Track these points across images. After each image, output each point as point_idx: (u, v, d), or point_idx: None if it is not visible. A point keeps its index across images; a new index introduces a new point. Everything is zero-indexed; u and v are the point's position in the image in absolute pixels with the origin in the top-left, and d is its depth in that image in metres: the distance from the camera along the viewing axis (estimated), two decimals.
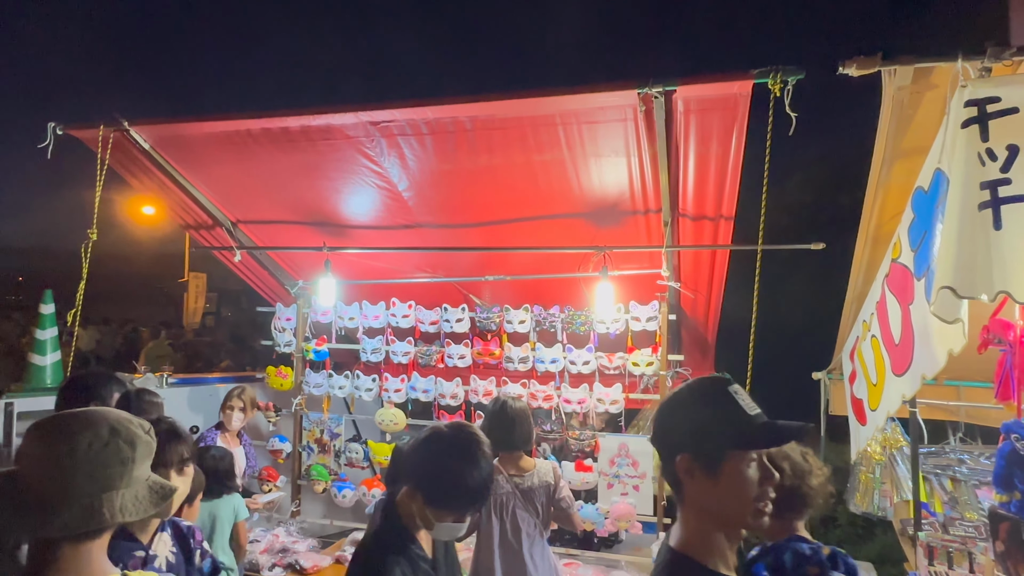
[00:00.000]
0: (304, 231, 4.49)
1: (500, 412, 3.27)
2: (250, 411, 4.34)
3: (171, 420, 2.36)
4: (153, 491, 1.42)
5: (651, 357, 4.37)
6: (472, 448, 1.84)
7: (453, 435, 1.87)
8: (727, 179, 3.28)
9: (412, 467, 1.87)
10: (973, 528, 4.16)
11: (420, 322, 4.81)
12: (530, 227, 4.03)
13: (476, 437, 1.88)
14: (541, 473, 3.27)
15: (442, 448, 1.85)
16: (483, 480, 1.83)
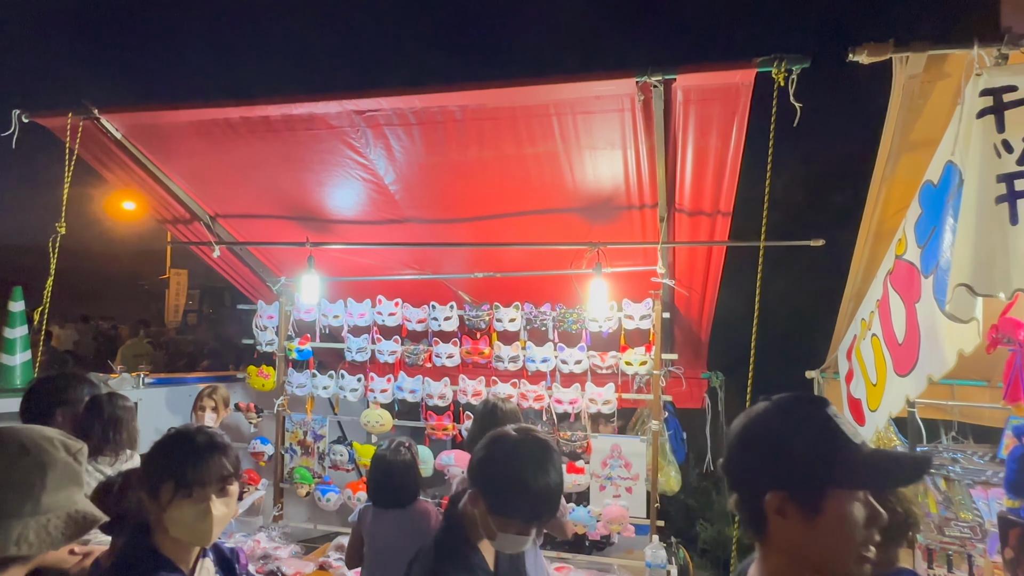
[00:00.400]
0: (286, 226, 4.32)
1: (490, 415, 3.14)
2: (223, 411, 4.16)
3: (211, 431, 1.94)
4: (73, 521, 1.25)
5: (645, 356, 4.26)
6: (541, 453, 1.69)
7: (521, 438, 1.72)
8: (726, 173, 3.17)
9: (476, 470, 1.74)
10: (969, 529, 4.10)
11: (407, 320, 4.66)
12: (521, 222, 3.89)
13: (545, 442, 1.74)
14: None
15: (508, 451, 1.70)
16: (552, 488, 1.67)
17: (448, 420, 4.59)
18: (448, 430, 4.58)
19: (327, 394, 4.84)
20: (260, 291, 5.11)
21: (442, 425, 4.59)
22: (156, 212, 4.37)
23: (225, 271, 4.89)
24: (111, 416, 3.03)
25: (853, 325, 3.82)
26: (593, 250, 3.66)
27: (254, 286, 5.09)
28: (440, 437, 4.63)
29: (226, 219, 4.40)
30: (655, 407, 4.29)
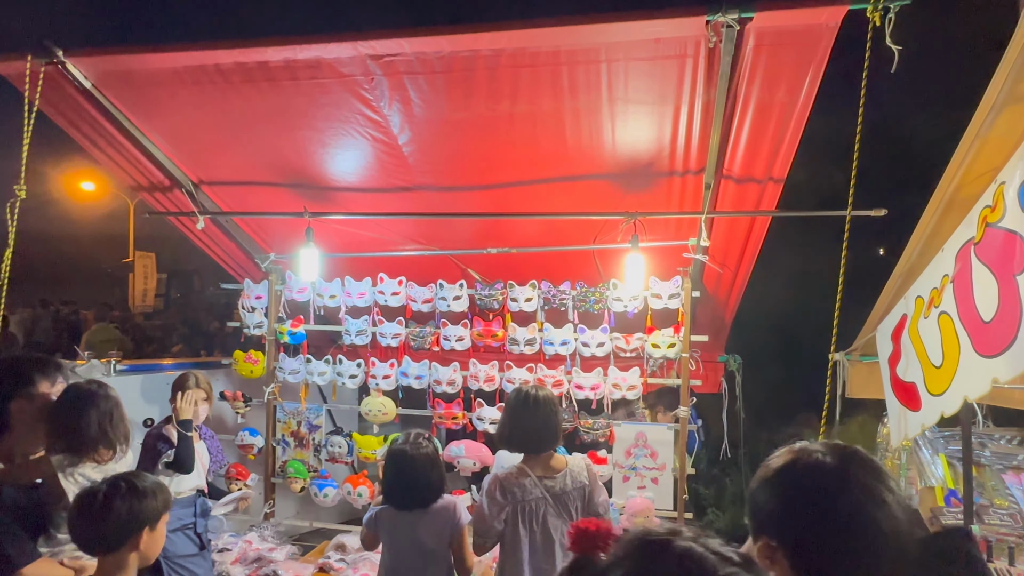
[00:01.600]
0: (280, 194, 3.84)
1: (523, 405, 2.75)
2: (211, 400, 3.70)
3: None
4: None
5: (673, 338, 3.92)
6: (873, 482, 1.15)
7: (839, 460, 1.17)
8: (787, 134, 2.82)
9: (770, 510, 1.21)
10: (1008, 516, 3.90)
11: (412, 300, 4.23)
12: (546, 191, 3.49)
13: (877, 467, 1.19)
14: (574, 472, 2.78)
15: (818, 482, 1.17)
16: (894, 535, 1.12)
17: (458, 408, 4.19)
18: (458, 419, 4.19)
19: (323, 381, 4.39)
20: (247, 269, 4.61)
21: (451, 414, 4.19)
22: (130, 178, 3.83)
23: (208, 247, 4.37)
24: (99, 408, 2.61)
25: (902, 303, 3.54)
26: (629, 221, 3.28)
27: (240, 264, 4.58)
28: (449, 427, 4.24)
29: (211, 187, 3.89)
30: (683, 392, 3.97)
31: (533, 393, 2.76)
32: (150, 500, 1.92)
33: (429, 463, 2.72)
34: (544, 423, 2.73)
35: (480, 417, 4.12)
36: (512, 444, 2.76)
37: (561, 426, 2.81)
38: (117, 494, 1.87)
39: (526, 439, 2.74)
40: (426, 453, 2.72)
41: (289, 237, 4.17)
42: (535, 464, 2.74)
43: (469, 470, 4.16)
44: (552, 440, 2.77)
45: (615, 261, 4.04)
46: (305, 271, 3.68)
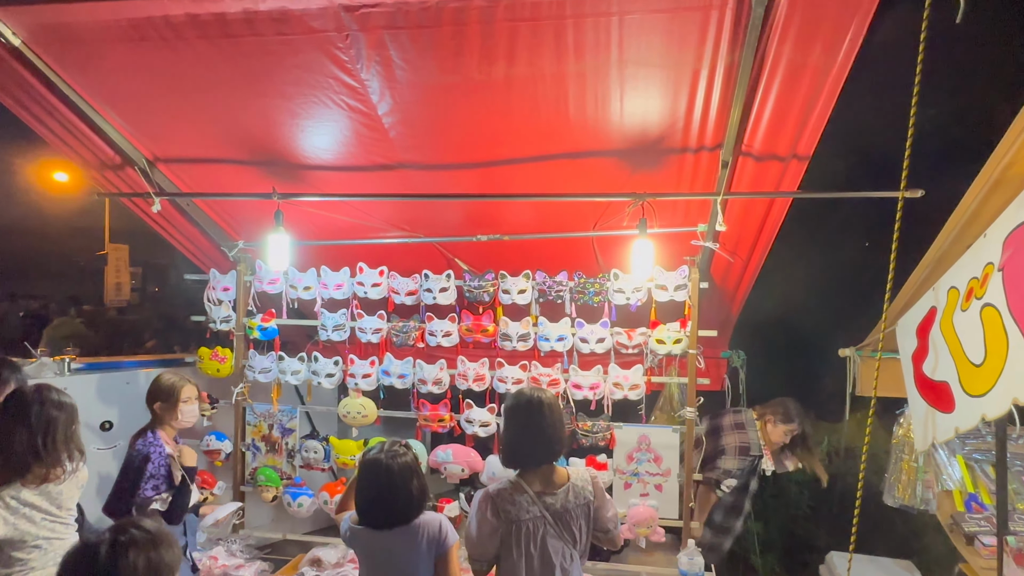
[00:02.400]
0: (246, 173, 3.42)
1: (525, 411, 2.38)
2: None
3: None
4: None
5: (679, 333, 3.59)
6: None
7: None
8: (819, 103, 2.48)
9: None
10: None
11: (394, 292, 3.85)
12: (544, 170, 3.12)
13: None
14: (577, 487, 2.42)
15: None
16: None
17: (444, 409, 3.82)
18: (445, 421, 3.82)
19: (297, 380, 3.99)
20: (212, 258, 4.18)
21: (437, 416, 3.82)
22: (75, 154, 3.39)
23: (168, 232, 3.94)
24: (35, 420, 2.22)
25: (930, 295, 3.24)
26: (637, 203, 2.93)
27: (204, 251, 4.16)
28: (435, 430, 3.87)
29: (168, 164, 3.46)
30: (690, 392, 3.64)
31: (539, 398, 2.39)
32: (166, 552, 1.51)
33: (408, 474, 2.35)
34: (553, 434, 2.37)
35: (469, 419, 3.75)
36: (518, 461, 2.40)
37: (565, 435, 2.46)
38: (134, 544, 1.46)
39: (528, 450, 2.38)
40: (404, 462, 2.36)
41: (259, 222, 3.76)
42: (533, 478, 2.38)
43: (457, 476, 3.80)
44: (558, 451, 2.41)
45: (616, 250, 3.69)
46: (275, 259, 3.28)
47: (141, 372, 4.42)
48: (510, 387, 3.69)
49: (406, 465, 2.36)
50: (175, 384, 2.99)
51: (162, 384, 3.00)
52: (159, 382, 3.02)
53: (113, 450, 4.03)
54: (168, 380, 3.01)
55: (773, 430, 3.77)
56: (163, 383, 3.00)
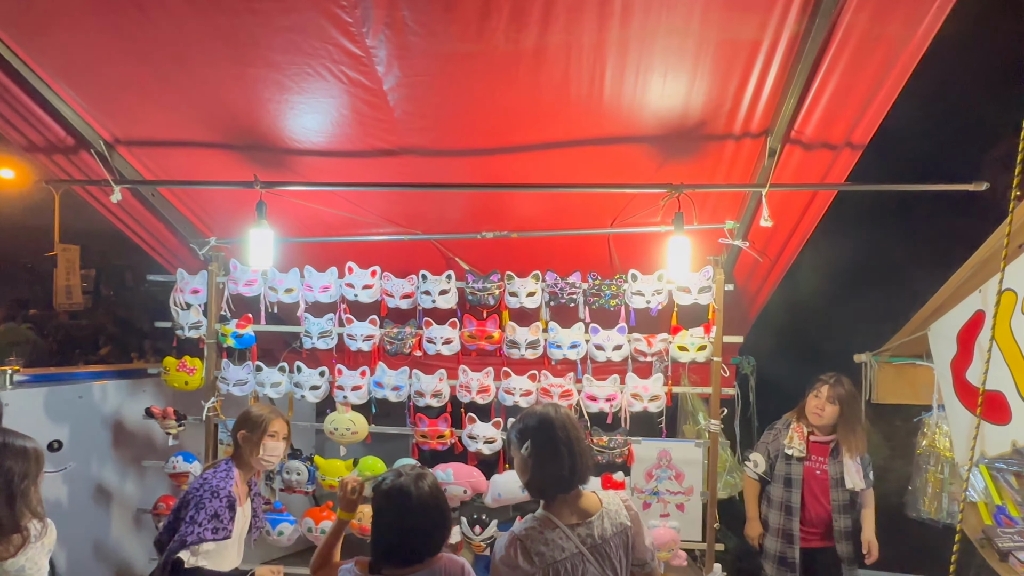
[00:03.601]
0: (223, 159, 2.98)
1: (546, 430, 2.01)
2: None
3: None
4: None
5: (703, 339, 3.28)
6: None
7: None
8: (886, 84, 2.20)
9: None
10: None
11: (388, 295, 3.45)
12: (563, 159, 2.78)
13: None
14: (611, 512, 2.07)
15: None
16: None
17: (444, 425, 3.43)
18: (445, 438, 3.43)
19: (277, 393, 3.55)
20: (180, 256, 3.70)
21: (436, 431, 3.43)
22: (20, 135, 2.89)
23: (128, 227, 3.45)
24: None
25: (975, 298, 3.02)
26: (673, 195, 2.60)
27: (171, 249, 3.67)
28: (434, 447, 3.47)
29: (131, 147, 2.98)
30: (714, 403, 3.34)
31: (558, 414, 2.03)
32: None
33: (440, 496, 2.03)
34: (580, 453, 2.02)
35: (472, 435, 3.37)
36: (545, 490, 2.03)
37: (591, 455, 2.11)
38: None
39: (551, 477, 2.01)
40: (433, 484, 2.03)
41: (234, 216, 3.32)
42: (562, 508, 2.01)
43: (458, 499, 3.41)
44: (588, 472, 2.06)
45: (634, 249, 3.38)
46: (256, 257, 2.84)
47: (95, 385, 3.93)
48: (518, 399, 3.33)
49: (436, 487, 2.01)
50: (264, 415, 2.58)
51: (251, 413, 2.60)
52: (248, 410, 2.63)
53: (63, 473, 3.52)
54: (258, 409, 2.62)
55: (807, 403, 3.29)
56: (252, 411, 2.61)
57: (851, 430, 3.18)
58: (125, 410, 3.98)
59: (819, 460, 3.23)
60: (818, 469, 3.22)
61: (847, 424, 3.18)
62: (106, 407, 3.94)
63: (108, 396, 3.97)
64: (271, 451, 2.57)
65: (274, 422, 2.57)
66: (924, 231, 3.69)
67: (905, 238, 3.91)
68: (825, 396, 3.20)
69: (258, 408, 2.61)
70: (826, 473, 3.20)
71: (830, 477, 3.19)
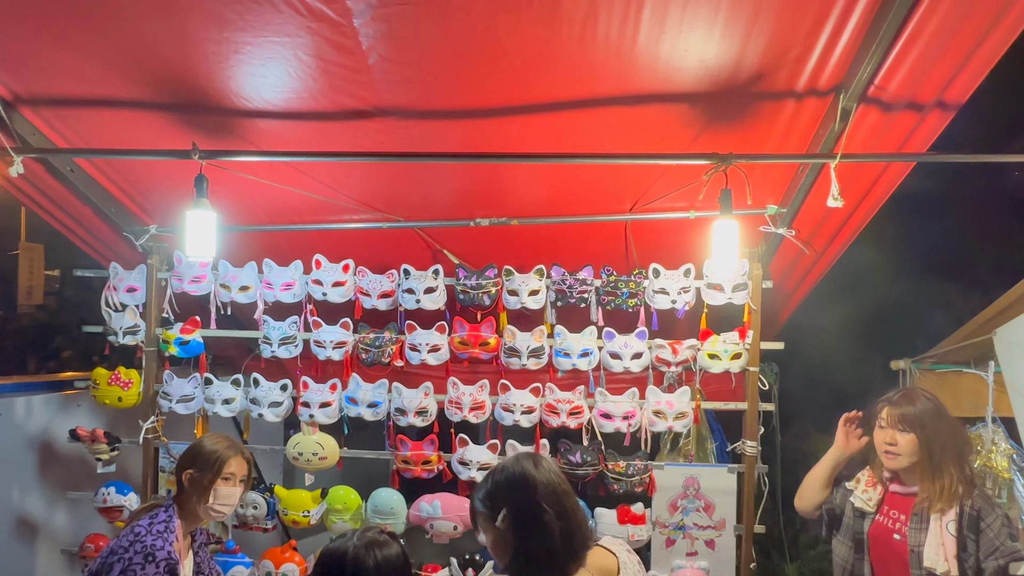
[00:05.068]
0: (155, 123, 2.37)
1: (522, 494, 1.41)
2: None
3: None
4: None
5: (738, 345, 2.76)
6: None
7: None
8: (999, 28, 1.71)
9: None
10: None
11: (364, 294, 2.87)
12: (578, 122, 2.24)
13: None
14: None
15: None
16: None
17: (430, 448, 2.86)
18: (431, 464, 2.86)
19: (231, 411, 2.95)
20: (112, 247, 3.08)
21: (421, 456, 2.86)
22: None
23: (45, 210, 2.82)
24: None
25: None
26: (720, 168, 2.07)
27: (101, 238, 3.05)
28: (418, 475, 2.90)
29: (37, 107, 2.36)
30: (750, 420, 2.82)
31: (544, 471, 1.46)
32: None
33: None
34: (576, 521, 1.45)
35: (464, 460, 2.81)
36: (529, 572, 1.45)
37: (585, 518, 1.55)
38: None
39: (552, 559, 1.43)
40: (386, 558, 1.46)
41: (178, 198, 2.70)
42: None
43: (447, 536, 2.84)
44: (587, 544, 1.48)
45: (655, 239, 2.86)
46: (195, 245, 2.25)
47: (17, 399, 3.29)
48: (518, 418, 2.78)
49: (388, 563, 1.44)
50: (218, 452, 1.99)
51: (203, 447, 2.02)
52: (200, 443, 2.05)
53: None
54: (212, 443, 2.03)
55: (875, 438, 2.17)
56: (204, 445, 2.04)
57: (936, 468, 1.97)
58: (54, 429, 3.35)
59: (898, 519, 2.05)
60: (896, 532, 2.05)
61: (929, 459, 1.97)
62: (31, 426, 3.30)
63: (33, 412, 3.33)
64: (224, 498, 1.98)
65: (231, 461, 1.98)
66: (990, 222, 3.23)
67: (963, 229, 3.45)
68: (892, 422, 2.02)
69: (213, 441, 2.01)
70: (906, 539, 2.01)
71: (910, 547, 1.99)
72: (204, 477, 1.95)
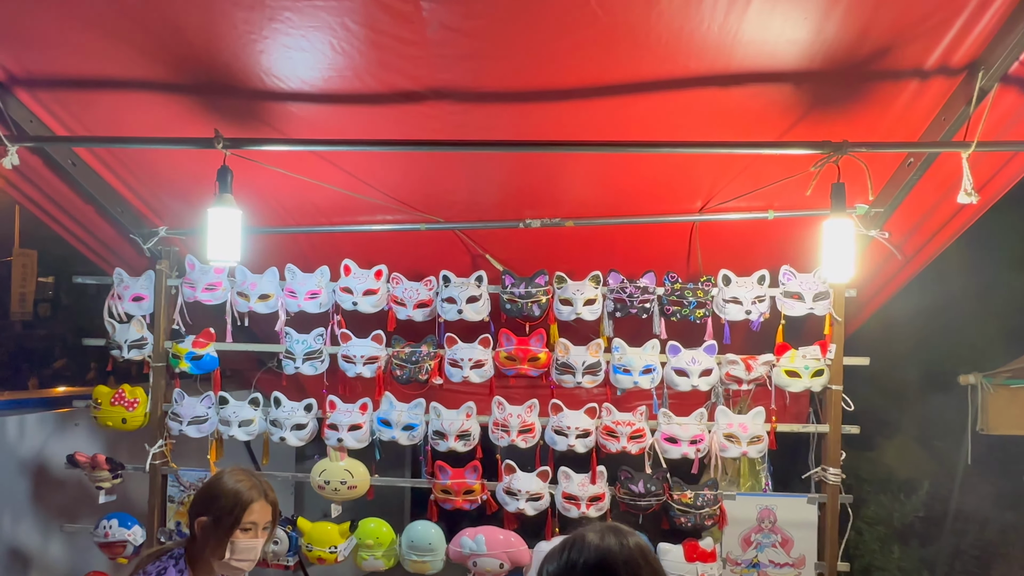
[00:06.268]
0: (170, 107, 2.06)
1: None
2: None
3: None
4: None
5: (820, 361, 2.46)
6: None
7: None
8: None
9: None
10: None
11: (398, 303, 2.56)
12: (651, 108, 1.95)
13: None
14: None
15: None
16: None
17: (473, 476, 2.55)
18: (474, 494, 2.54)
19: (249, 435, 2.63)
20: (117, 251, 2.76)
21: (463, 485, 2.54)
22: None
23: (43, 210, 2.49)
24: None
25: None
26: (832, 158, 1.78)
27: (104, 241, 2.73)
28: (459, 506, 2.58)
29: (34, 90, 2.05)
30: (832, 445, 2.51)
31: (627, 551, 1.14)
32: None
33: None
34: None
35: (511, 490, 2.50)
36: None
37: None
38: None
39: None
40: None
41: (192, 196, 2.41)
42: None
43: (492, 574, 2.52)
44: None
45: (725, 242, 2.56)
46: (217, 248, 1.93)
47: (10, 419, 2.95)
48: (572, 442, 2.46)
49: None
50: (240, 494, 1.62)
51: (222, 487, 1.63)
52: (217, 482, 1.65)
53: None
54: (233, 482, 1.64)
55: None
56: (223, 485, 1.64)
57: None
58: (50, 451, 3.02)
59: None
60: None
61: None
62: (24, 447, 2.97)
63: (27, 432, 3.00)
64: (243, 552, 1.63)
65: (252, 507, 1.63)
66: None
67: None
68: None
69: (233, 480, 1.65)
70: None
71: None
72: (220, 527, 1.60)
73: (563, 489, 2.48)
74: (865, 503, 3.58)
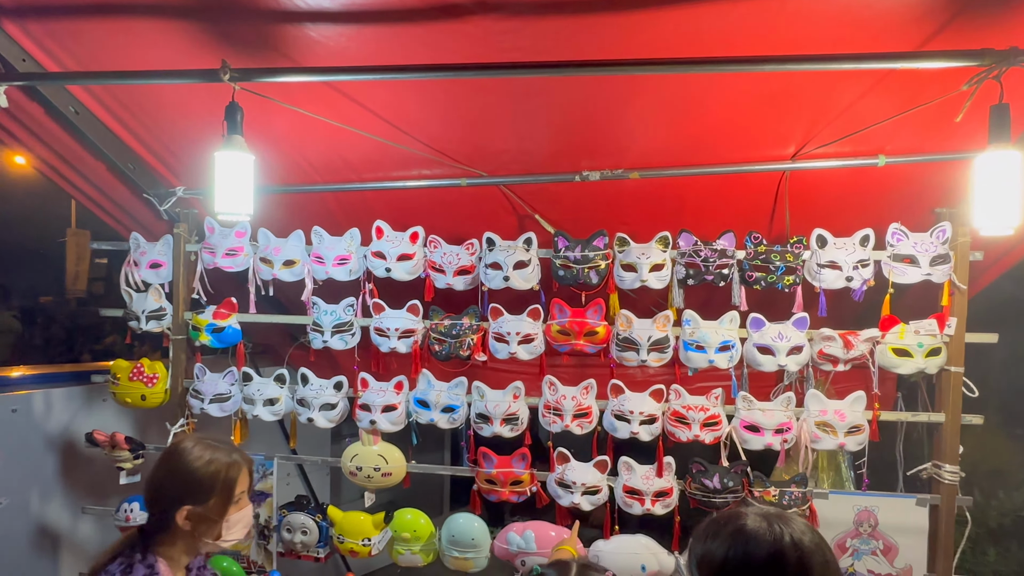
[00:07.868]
0: (176, 35, 1.77)
1: None
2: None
3: None
4: None
5: (936, 338, 2.04)
6: None
7: None
8: None
9: None
10: None
11: (437, 269, 2.25)
12: (767, 10, 1.55)
13: None
14: None
15: None
16: None
17: (521, 465, 2.23)
18: (522, 484, 2.23)
19: (274, 415, 2.38)
20: (133, 214, 2.53)
21: (509, 474, 2.23)
22: None
23: (50, 166, 2.26)
24: None
25: None
26: (993, 72, 1.36)
27: (121, 204, 2.49)
28: (505, 497, 2.27)
29: (28, 22, 1.79)
30: (950, 436, 2.10)
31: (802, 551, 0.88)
32: None
33: None
34: None
35: (564, 481, 2.17)
36: None
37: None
38: None
39: None
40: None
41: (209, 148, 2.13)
42: None
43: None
44: None
45: (818, 197, 2.14)
46: (227, 199, 1.64)
47: (35, 393, 2.79)
48: (636, 428, 2.11)
49: None
50: (220, 473, 1.38)
51: (194, 468, 1.37)
52: (185, 462, 1.37)
53: None
54: (206, 461, 1.38)
55: None
56: (195, 467, 1.37)
57: None
58: (76, 427, 2.85)
59: None
60: None
61: None
62: (50, 423, 2.81)
63: (53, 408, 2.84)
64: (240, 524, 1.40)
65: (238, 480, 1.38)
66: None
67: None
68: None
69: (204, 460, 1.37)
70: None
71: None
72: (211, 511, 1.35)
73: (624, 482, 2.14)
74: None
